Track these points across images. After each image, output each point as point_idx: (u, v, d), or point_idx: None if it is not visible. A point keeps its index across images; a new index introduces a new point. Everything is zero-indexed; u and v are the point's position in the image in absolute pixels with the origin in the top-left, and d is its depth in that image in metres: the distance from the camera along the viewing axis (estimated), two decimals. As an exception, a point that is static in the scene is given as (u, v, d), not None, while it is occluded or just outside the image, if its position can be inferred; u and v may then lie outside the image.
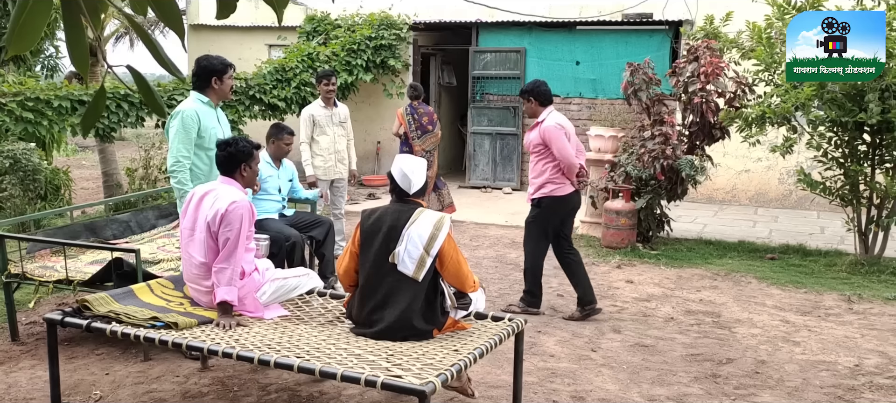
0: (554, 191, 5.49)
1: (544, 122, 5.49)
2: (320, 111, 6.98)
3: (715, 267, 7.09)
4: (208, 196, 3.93)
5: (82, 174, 13.33)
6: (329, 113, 7.00)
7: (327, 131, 6.98)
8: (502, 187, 11.85)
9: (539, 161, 5.53)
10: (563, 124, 5.51)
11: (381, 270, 3.62)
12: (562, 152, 5.40)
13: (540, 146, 5.49)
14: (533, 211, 5.62)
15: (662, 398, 4.18)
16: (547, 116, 5.52)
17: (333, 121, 7.02)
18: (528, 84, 5.73)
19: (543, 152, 5.48)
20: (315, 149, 6.97)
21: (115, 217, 6.00)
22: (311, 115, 6.96)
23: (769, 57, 7.02)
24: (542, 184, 5.51)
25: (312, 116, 6.95)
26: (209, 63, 4.76)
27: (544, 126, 5.47)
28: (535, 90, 5.57)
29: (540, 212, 5.57)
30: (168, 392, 4.15)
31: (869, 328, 5.41)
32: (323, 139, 6.97)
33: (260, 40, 13.60)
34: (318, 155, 6.97)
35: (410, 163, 3.76)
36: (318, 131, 6.96)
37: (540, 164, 5.53)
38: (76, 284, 4.59)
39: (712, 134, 7.70)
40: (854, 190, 7.05)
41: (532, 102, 5.58)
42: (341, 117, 7.09)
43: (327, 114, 6.99)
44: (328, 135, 6.99)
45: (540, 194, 5.53)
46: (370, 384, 3.03)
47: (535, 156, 5.57)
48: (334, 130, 7.01)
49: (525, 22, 11.54)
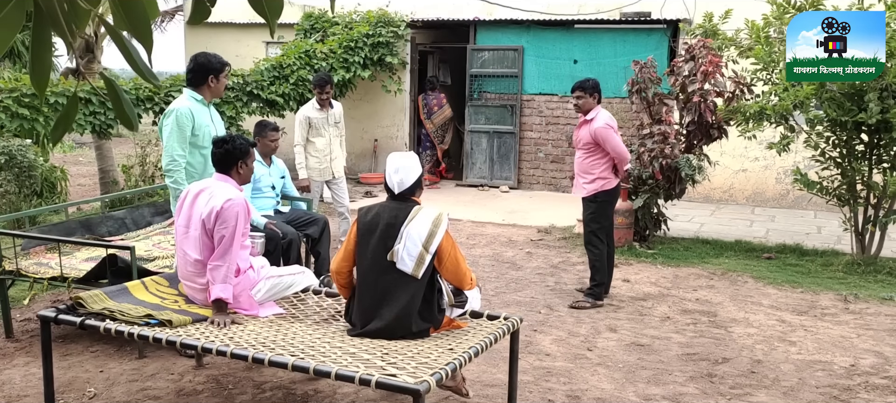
0: (605, 186, 5.81)
1: (594, 122, 5.75)
2: (315, 113, 6.95)
3: (711, 267, 7.08)
4: (203, 193, 3.92)
5: (79, 170, 13.31)
6: (325, 115, 6.96)
7: (323, 133, 6.94)
8: (499, 186, 11.84)
9: (588, 157, 5.81)
10: (611, 122, 5.80)
11: (379, 268, 3.60)
12: (617, 149, 5.73)
13: (590, 144, 5.77)
14: (590, 208, 5.87)
15: (658, 397, 4.17)
16: (599, 113, 5.79)
17: (329, 122, 6.98)
18: (589, 79, 5.91)
19: (594, 149, 5.77)
20: (310, 150, 6.95)
21: (111, 214, 5.98)
22: (306, 117, 6.93)
23: (768, 56, 7.02)
24: (595, 180, 5.80)
25: (308, 119, 6.92)
26: (207, 61, 4.72)
27: (595, 127, 5.72)
28: (596, 86, 5.84)
29: (598, 207, 5.86)
30: (162, 390, 4.13)
31: (865, 328, 5.41)
32: (318, 140, 6.94)
33: (257, 37, 13.57)
34: (312, 156, 6.95)
35: (402, 160, 3.74)
36: (314, 133, 6.93)
37: (589, 161, 5.81)
38: (71, 281, 4.57)
39: (710, 133, 7.69)
40: (851, 189, 7.05)
41: (594, 97, 5.80)
42: (336, 117, 7.06)
43: (322, 116, 6.95)
44: (324, 137, 6.95)
45: (595, 190, 5.81)
46: (364, 383, 3.02)
47: (583, 152, 5.84)
48: (330, 131, 6.98)
49: (523, 20, 11.53)
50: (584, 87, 5.80)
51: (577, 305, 5.80)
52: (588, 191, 5.83)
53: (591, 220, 5.87)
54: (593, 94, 5.79)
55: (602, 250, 5.86)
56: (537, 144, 11.80)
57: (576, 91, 5.84)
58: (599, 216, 5.87)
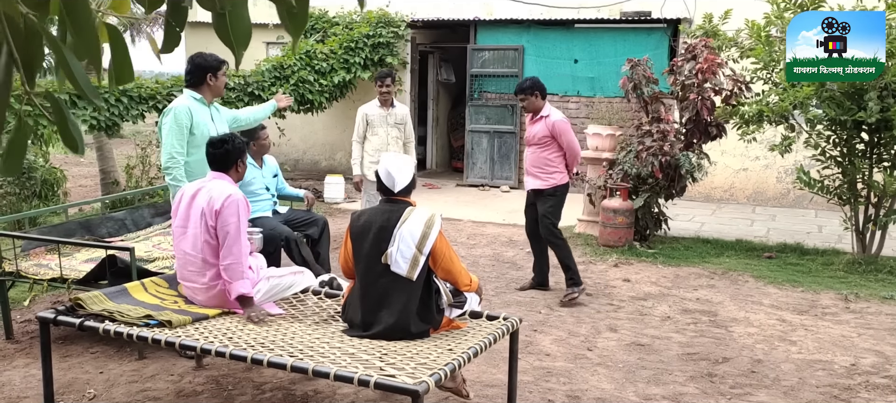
0: (563, 179, 5.98)
1: (551, 116, 5.91)
2: (375, 110, 6.81)
3: (712, 266, 7.08)
4: (201, 192, 3.92)
5: (80, 171, 13.31)
6: (384, 113, 6.80)
7: (379, 131, 6.80)
8: (500, 185, 11.84)
9: (544, 152, 5.94)
10: (566, 119, 6.00)
11: (374, 271, 3.60)
12: (571, 145, 5.91)
13: (546, 138, 5.90)
14: (549, 202, 5.96)
15: (658, 397, 4.17)
16: (552, 110, 5.97)
17: (388, 121, 6.81)
18: (527, 80, 6.05)
19: (550, 143, 5.91)
20: (366, 148, 6.84)
21: (111, 215, 5.98)
22: (365, 114, 6.81)
23: (768, 55, 7.01)
24: (553, 173, 5.94)
25: (366, 116, 6.80)
26: (204, 60, 4.75)
27: (554, 119, 5.89)
28: (538, 85, 5.97)
29: (556, 201, 5.99)
30: (162, 391, 4.13)
31: (865, 327, 5.40)
32: (375, 139, 6.79)
33: (257, 38, 13.56)
34: (367, 154, 6.82)
35: (396, 161, 3.74)
36: (371, 131, 6.81)
37: (545, 155, 5.94)
38: (70, 282, 4.57)
39: (708, 131, 7.69)
40: (852, 188, 7.04)
41: (537, 96, 5.94)
42: (397, 118, 6.86)
43: (382, 114, 6.80)
44: (380, 136, 6.79)
45: (554, 183, 5.94)
46: (363, 383, 3.01)
47: (538, 148, 5.96)
48: (388, 131, 6.80)
49: (523, 20, 11.53)
50: (523, 88, 5.96)
51: (570, 301, 5.81)
52: (548, 184, 5.95)
53: (551, 213, 5.97)
54: (534, 93, 5.93)
55: (564, 240, 6.00)
56: (538, 144, 11.78)
57: (519, 94, 6.04)
58: (558, 209, 6.03)
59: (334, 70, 11.32)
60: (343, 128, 13.21)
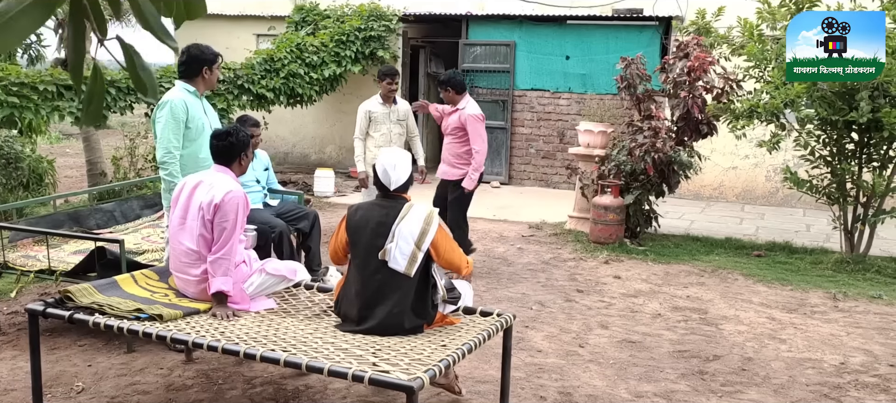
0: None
1: (466, 108, 6.29)
2: (378, 107, 6.76)
3: (702, 264, 7.10)
4: (202, 185, 3.88)
5: (66, 162, 13.19)
6: (387, 110, 6.75)
7: (382, 128, 6.74)
8: (490, 181, 11.83)
9: (457, 143, 6.38)
10: (480, 116, 6.34)
11: (371, 266, 3.58)
12: (475, 138, 6.25)
13: (458, 129, 6.32)
14: (458, 190, 6.37)
15: (649, 394, 4.18)
16: (469, 104, 6.34)
17: (391, 118, 6.76)
18: (444, 74, 6.53)
19: (462, 135, 6.31)
20: (369, 144, 6.78)
21: (100, 206, 5.93)
22: (367, 111, 6.75)
23: (760, 53, 7.03)
24: (464, 167, 6.34)
25: (368, 112, 6.74)
26: (201, 52, 4.65)
27: (468, 112, 6.26)
28: (453, 80, 6.35)
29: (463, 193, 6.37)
30: (152, 385, 4.10)
31: (854, 326, 5.43)
32: (378, 135, 6.73)
33: (248, 30, 13.48)
34: (370, 151, 6.75)
35: (393, 157, 3.72)
36: (374, 127, 6.75)
37: (459, 146, 6.36)
38: (59, 274, 4.52)
39: (699, 129, 7.71)
40: (841, 188, 7.07)
41: (450, 92, 6.32)
42: (400, 114, 6.81)
43: (385, 110, 6.74)
44: (383, 132, 6.74)
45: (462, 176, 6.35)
46: (358, 379, 3.00)
47: (452, 138, 6.40)
48: (391, 127, 6.75)
49: (515, 15, 11.51)
50: (442, 83, 6.39)
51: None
52: (457, 176, 6.36)
53: (464, 202, 6.39)
54: (447, 89, 6.30)
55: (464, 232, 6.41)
56: (528, 140, 11.80)
57: (439, 87, 6.44)
58: (469, 198, 6.44)
59: (325, 63, 11.26)
60: (333, 121, 13.16)
